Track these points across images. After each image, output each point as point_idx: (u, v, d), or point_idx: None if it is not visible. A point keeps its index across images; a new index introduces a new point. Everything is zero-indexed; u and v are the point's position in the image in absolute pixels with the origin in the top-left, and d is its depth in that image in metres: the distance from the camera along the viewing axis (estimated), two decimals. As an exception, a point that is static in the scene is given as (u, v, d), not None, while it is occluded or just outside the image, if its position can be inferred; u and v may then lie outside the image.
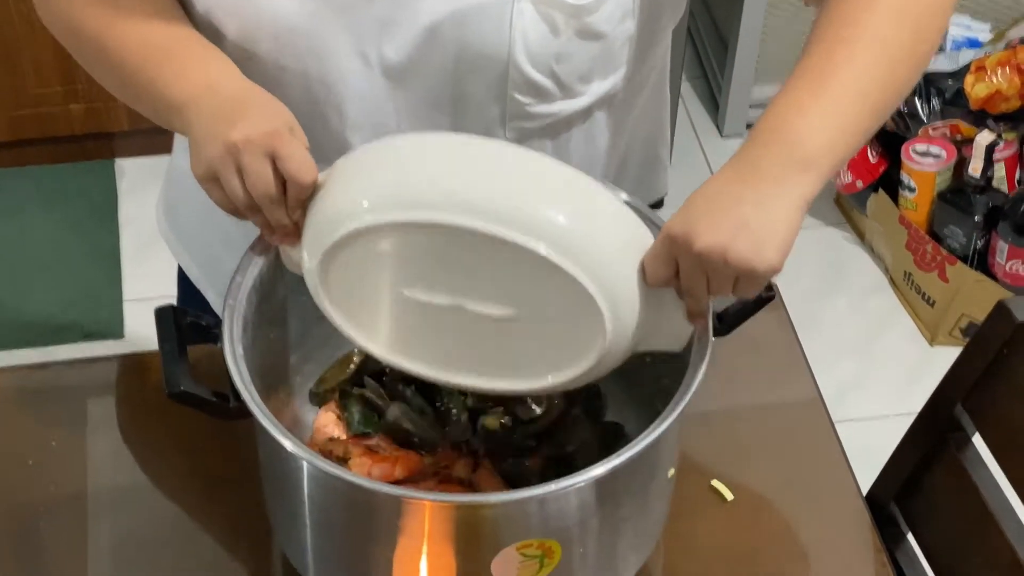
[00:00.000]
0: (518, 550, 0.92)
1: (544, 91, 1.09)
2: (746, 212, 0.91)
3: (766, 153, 0.93)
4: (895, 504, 1.34)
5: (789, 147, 0.93)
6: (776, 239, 0.91)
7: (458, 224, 0.89)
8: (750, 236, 0.90)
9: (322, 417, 1.14)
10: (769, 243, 0.91)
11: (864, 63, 0.96)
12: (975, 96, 2.43)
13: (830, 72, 0.96)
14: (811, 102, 0.95)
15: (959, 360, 1.24)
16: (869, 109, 0.97)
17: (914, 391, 2.38)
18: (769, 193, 0.92)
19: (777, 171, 0.92)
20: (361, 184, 0.94)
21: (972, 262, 2.42)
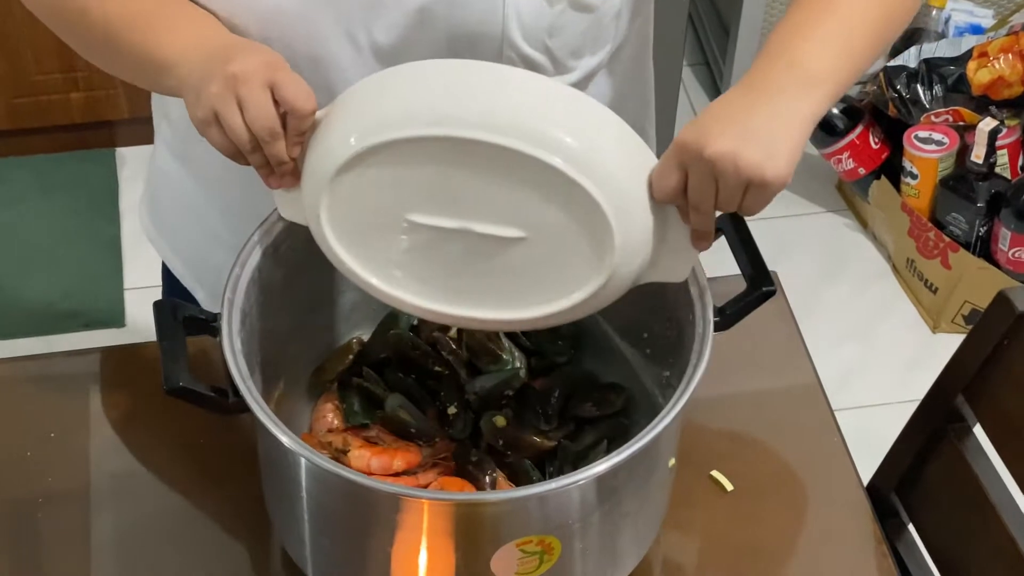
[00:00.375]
0: (518, 546, 0.92)
1: (538, 67, 1.09)
2: (757, 120, 0.93)
3: (772, 70, 0.96)
4: (895, 494, 1.33)
5: (795, 66, 0.96)
6: (785, 148, 0.93)
7: (465, 136, 0.88)
8: (760, 143, 0.92)
9: (321, 407, 1.14)
10: (779, 151, 0.92)
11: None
12: (978, 82, 2.42)
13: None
14: (814, 27, 0.98)
15: (960, 350, 1.24)
16: (871, 33, 1.01)
17: (916, 378, 2.38)
18: (779, 105, 0.94)
19: (785, 86, 0.95)
20: (362, 108, 0.93)
21: (975, 249, 2.41)
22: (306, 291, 1.11)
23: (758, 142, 0.91)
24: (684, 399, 0.94)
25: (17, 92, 2.50)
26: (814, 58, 0.97)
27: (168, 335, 0.97)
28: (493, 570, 0.94)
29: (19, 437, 1.20)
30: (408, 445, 1.08)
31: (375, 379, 1.14)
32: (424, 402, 1.13)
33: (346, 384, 1.14)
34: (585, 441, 1.11)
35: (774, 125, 0.93)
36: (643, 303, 1.11)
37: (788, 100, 0.94)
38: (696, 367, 0.96)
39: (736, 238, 1.06)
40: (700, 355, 0.97)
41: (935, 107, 2.48)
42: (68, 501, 1.16)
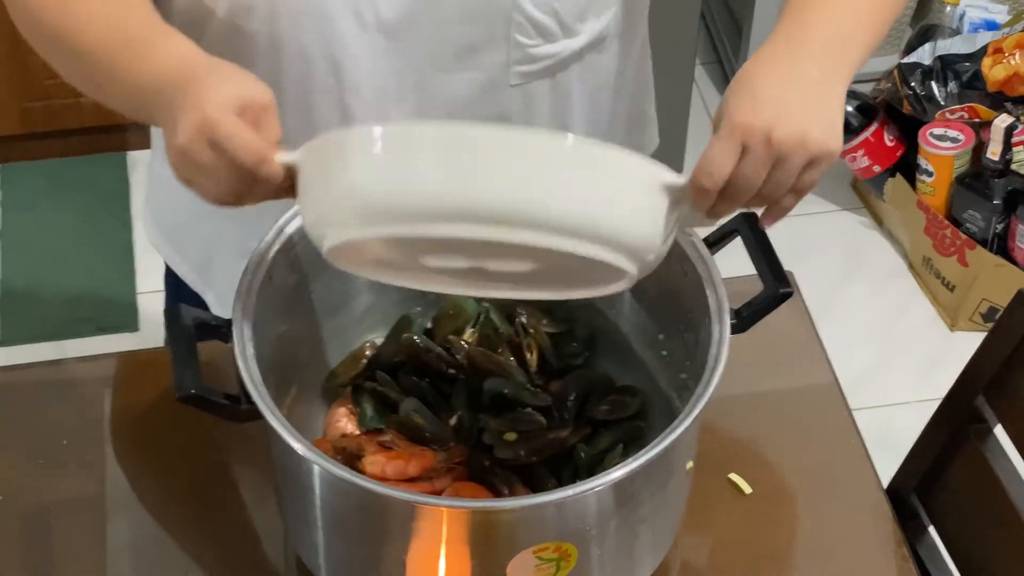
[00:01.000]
0: (534, 553, 0.91)
1: (546, 30, 1.10)
2: (812, 92, 0.90)
3: (807, 33, 0.93)
4: (916, 496, 1.32)
5: (825, 29, 0.94)
6: (839, 116, 0.91)
7: (464, 237, 0.82)
8: (821, 116, 0.89)
9: (334, 412, 1.13)
10: (836, 121, 0.91)
11: None
12: (993, 78, 2.41)
13: None
14: (822, 4, 0.96)
15: (980, 350, 1.22)
16: (878, 7, 0.99)
17: (935, 377, 2.37)
18: (826, 71, 0.92)
19: (824, 49, 0.93)
20: (365, 184, 0.83)
21: (992, 246, 2.40)
22: (318, 295, 1.10)
23: (819, 116, 0.89)
24: (702, 403, 0.93)
25: (28, 96, 2.50)
26: (837, 22, 0.95)
27: (179, 341, 0.96)
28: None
29: (33, 443, 1.20)
30: (423, 450, 1.07)
31: (389, 383, 1.13)
32: (438, 406, 1.12)
33: (359, 389, 1.13)
34: (601, 445, 1.10)
35: (826, 91, 0.91)
36: (659, 306, 1.10)
37: (829, 64, 0.92)
38: (713, 370, 0.95)
39: (752, 239, 1.05)
40: (717, 358, 0.96)
41: (950, 104, 2.46)
42: (81, 507, 1.15)
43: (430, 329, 1.17)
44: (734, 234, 1.06)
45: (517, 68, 1.13)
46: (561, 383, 1.14)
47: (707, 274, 1.02)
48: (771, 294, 1.02)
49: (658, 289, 1.09)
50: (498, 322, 1.17)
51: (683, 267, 1.04)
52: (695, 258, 1.03)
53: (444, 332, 1.15)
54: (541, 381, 1.15)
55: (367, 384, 1.13)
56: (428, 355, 1.13)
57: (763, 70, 0.91)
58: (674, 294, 1.07)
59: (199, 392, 0.93)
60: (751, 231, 1.05)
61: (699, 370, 1.01)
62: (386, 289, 1.15)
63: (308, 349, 1.12)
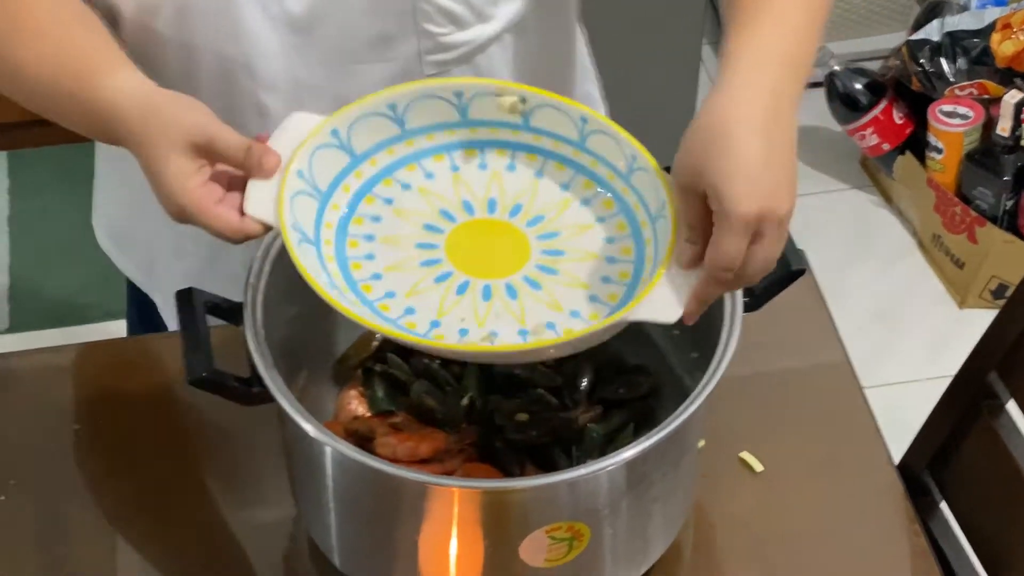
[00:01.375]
0: (547, 533, 0.91)
1: (457, 18, 1.08)
2: (788, 150, 0.87)
3: (768, 74, 0.88)
4: (928, 473, 1.32)
5: (783, 70, 0.89)
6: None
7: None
8: (795, 179, 0.88)
9: (345, 395, 1.13)
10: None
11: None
12: (1002, 54, 2.39)
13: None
14: (756, 29, 0.91)
15: (992, 326, 1.22)
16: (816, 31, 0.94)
17: (945, 355, 2.36)
18: (789, 124, 0.88)
19: (789, 90, 0.88)
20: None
21: (1001, 223, 2.39)
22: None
23: (793, 183, 0.87)
24: (714, 381, 0.92)
25: (35, 83, 2.49)
26: (795, 49, 0.90)
27: (189, 324, 0.96)
28: (522, 557, 0.93)
29: (42, 428, 1.20)
30: (434, 431, 1.07)
31: (399, 365, 1.13)
32: (449, 388, 1.12)
33: (370, 371, 1.13)
34: (612, 424, 1.10)
35: (792, 141, 0.88)
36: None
37: (794, 109, 0.88)
38: (725, 349, 0.94)
39: None
40: (729, 336, 0.95)
41: (959, 80, 2.45)
42: (91, 491, 1.15)
43: (441, 310, 1.16)
44: None
45: (430, 57, 1.10)
46: (572, 363, 1.14)
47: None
48: (784, 272, 1.01)
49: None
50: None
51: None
52: None
53: (456, 314, 1.15)
54: (552, 361, 1.14)
55: (378, 366, 1.13)
56: (439, 336, 1.13)
57: (744, 133, 0.85)
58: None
59: (210, 375, 0.93)
60: None
61: (710, 349, 1.00)
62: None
63: (319, 332, 1.12)
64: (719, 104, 0.87)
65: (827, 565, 1.12)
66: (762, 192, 0.84)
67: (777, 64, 0.89)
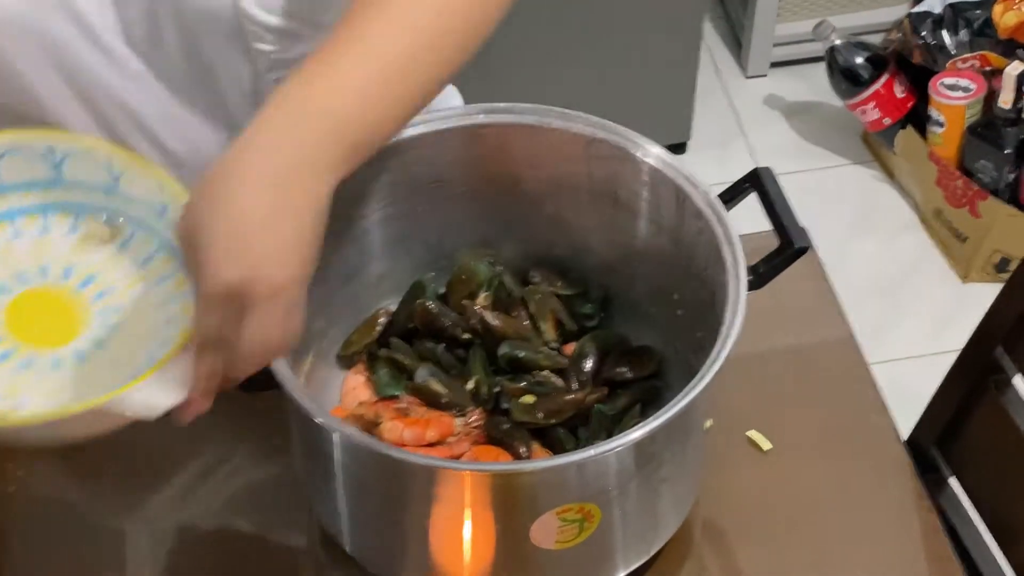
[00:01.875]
0: (558, 515, 0.91)
1: (289, 33, 0.97)
2: (305, 224, 0.78)
3: (319, 124, 0.78)
4: (936, 449, 1.32)
5: (342, 113, 0.79)
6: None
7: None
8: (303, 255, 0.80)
9: (350, 380, 1.13)
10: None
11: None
12: (1004, 25, 2.38)
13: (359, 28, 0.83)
14: (341, 55, 0.81)
15: (998, 301, 1.21)
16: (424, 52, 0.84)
17: (948, 329, 2.36)
18: (317, 185, 0.79)
19: (339, 145, 0.79)
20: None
21: (1004, 196, 2.39)
22: (331, 263, 1.09)
23: (302, 254, 0.78)
24: (720, 360, 0.92)
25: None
26: (341, 100, 0.79)
27: None
28: (533, 540, 0.92)
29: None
30: (440, 415, 1.07)
31: (404, 349, 1.13)
32: (454, 371, 1.12)
33: (374, 356, 1.13)
34: (618, 404, 1.10)
35: (309, 220, 0.78)
36: (674, 264, 1.09)
37: (326, 176, 0.79)
38: (731, 327, 0.94)
39: (767, 193, 1.04)
40: (734, 315, 0.95)
41: (961, 52, 2.44)
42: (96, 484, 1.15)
43: (443, 294, 1.16)
44: (748, 189, 1.05)
45: (269, 76, 1.01)
46: (577, 344, 1.14)
47: (723, 231, 1.01)
48: (788, 249, 1.01)
49: (673, 248, 1.08)
50: (511, 285, 1.16)
51: (698, 225, 1.03)
52: (710, 215, 1.02)
53: (458, 297, 1.15)
54: (557, 343, 1.14)
55: (382, 351, 1.13)
56: (442, 320, 1.13)
57: (250, 186, 0.76)
58: (689, 252, 1.06)
59: None
60: (766, 185, 1.04)
61: (715, 328, 1.00)
62: (398, 255, 1.15)
63: (323, 317, 1.12)
64: (239, 145, 0.77)
65: (838, 544, 1.12)
66: (249, 260, 0.74)
67: (336, 109, 0.79)
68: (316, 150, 0.77)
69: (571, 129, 1.06)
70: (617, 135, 1.07)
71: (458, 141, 1.08)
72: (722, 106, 2.78)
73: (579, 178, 1.10)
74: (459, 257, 1.16)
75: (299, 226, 0.76)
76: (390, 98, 0.82)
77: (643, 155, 1.05)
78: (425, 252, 1.16)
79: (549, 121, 1.07)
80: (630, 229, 1.11)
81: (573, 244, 1.16)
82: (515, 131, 1.08)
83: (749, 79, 2.84)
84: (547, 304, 1.15)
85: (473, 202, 1.13)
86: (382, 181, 1.08)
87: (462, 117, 1.07)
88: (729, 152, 2.62)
